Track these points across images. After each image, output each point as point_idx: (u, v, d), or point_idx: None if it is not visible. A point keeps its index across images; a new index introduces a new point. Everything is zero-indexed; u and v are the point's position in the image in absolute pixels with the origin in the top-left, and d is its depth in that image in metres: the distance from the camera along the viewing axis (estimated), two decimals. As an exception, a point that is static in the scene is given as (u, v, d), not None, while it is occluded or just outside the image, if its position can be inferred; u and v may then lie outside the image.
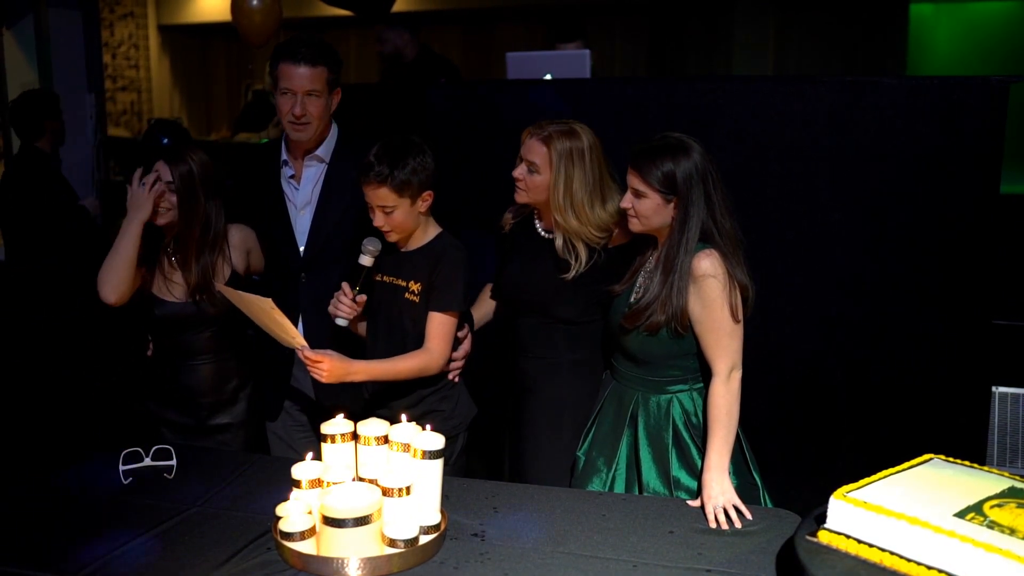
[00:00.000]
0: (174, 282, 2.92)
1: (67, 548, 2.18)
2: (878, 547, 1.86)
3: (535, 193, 2.75)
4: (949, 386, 3.28)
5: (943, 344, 3.29)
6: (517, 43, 9.50)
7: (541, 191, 2.73)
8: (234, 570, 2.07)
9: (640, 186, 2.48)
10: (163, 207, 2.86)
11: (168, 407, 2.99)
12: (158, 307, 2.91)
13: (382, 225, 2.69)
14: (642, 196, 2.49)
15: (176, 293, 2.91)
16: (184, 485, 2.56)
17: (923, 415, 3.32)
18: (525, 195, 2.77)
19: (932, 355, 3.30)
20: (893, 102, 3.24)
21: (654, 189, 2.46)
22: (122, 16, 9.70)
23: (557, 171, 2.69)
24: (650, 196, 2.48)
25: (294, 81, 2.84)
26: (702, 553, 2.16)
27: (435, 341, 2.72)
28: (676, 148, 2.48)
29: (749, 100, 3.40)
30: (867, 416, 3.39)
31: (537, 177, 2.72)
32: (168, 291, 2.92)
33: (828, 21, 8.57)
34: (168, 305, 2.91)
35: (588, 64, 4.42)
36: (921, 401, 3.32)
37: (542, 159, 2.70)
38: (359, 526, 2.02)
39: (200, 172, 2.87)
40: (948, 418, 3.28)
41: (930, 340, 3.30)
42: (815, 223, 3.35)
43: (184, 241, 2.90)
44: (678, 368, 2.57)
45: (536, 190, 2.74)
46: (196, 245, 2.89)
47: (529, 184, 2.74)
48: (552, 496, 2.48)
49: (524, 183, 2.75)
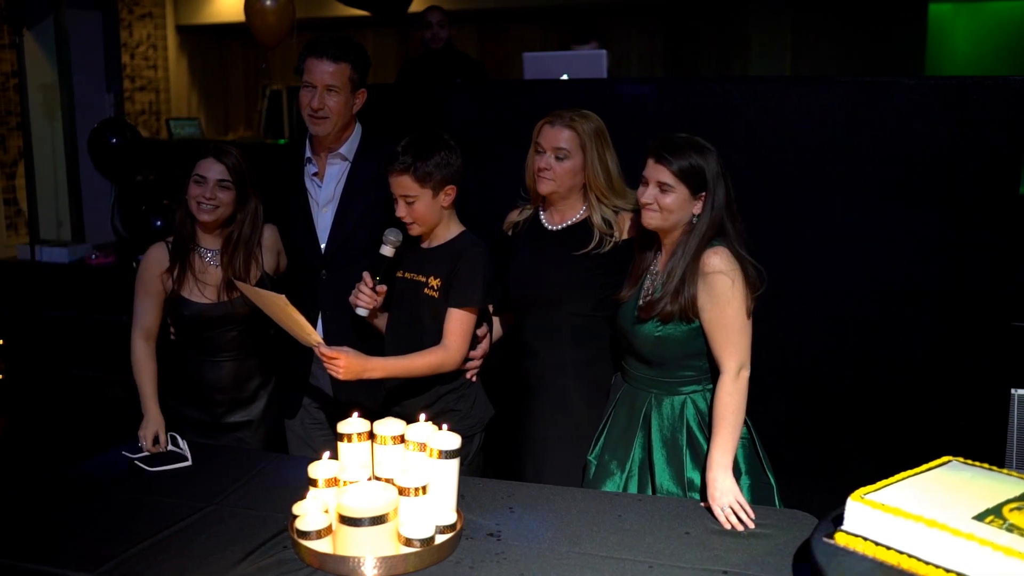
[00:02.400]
0: (205, 283, 2.92)
1: (86, 545, 2.19)
2: (896, 550, 1.85)
3: (563, 180, 2.76)
4: (967, 388, 3.26)
5: (961, 346, 3.27)
6: (532, 43, 9.50)
7: (569, 177, 2.76)
8: (251, 568, 2.08)
9: (668, 179, 2.48)
10: (210, 204, 2.86)
11: (187, 403, 3.00)
12: (186, 307, 2.91)
13: (404, 216, 2.71)
14: (669, 190, 2.49)
15: (207, 294, 2.91)
16: (202, 483, 2.57)
17: (941, 417, 3.30)
18: (552, 184, 2.77)
19: (950, 357, 3.28)
20: (911, 102, 3.22)
21: (683, 183, 2.47)
22: (141, 17, 9.74)
23: (591, 151, 2.74)
24: (678, 190, 2.48)
25: (315, 75, 2.87)
26: (718, 554, 2.16)
27: (453, 337, 2.72)
28: (700, 145, 2.50)
29: (765, 100, 3.38)
30: (884, 418, 3.37)
31: (566, 163, 2.74)
32: (199, 291, 2.91)
33: (845, 21, 8.52)
34: (198, 305, 2.91)
35: (604, 64, 4.42)
36: (939, 403, 3.30)
37: (570, 143, 2.73)
38: (375, 525, 2.03)
39: (247, 167, 2.90)
40: (966, 420, 3.26)
41: (948, 342, 3.28)
42: (831, 223, 3.34)
43: (233, 235, 2.91)
44: (691, 369, 2.56)
45: (564, 176, 2.75)
46: (243, 241, 2.91)
47: (557, 172, 2.75)
48: (568, 496, 2.48)
49: (551, 171, 2.75)
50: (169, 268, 2.92)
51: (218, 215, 2.88)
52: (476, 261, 2.74)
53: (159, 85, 9.99)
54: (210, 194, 2.85)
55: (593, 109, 2.83)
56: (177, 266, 2.92)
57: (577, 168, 2.76)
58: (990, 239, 3.19)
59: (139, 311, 2.94)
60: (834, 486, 2.25)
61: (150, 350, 2.93)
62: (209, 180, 2.85)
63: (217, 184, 2.86)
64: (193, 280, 2.92)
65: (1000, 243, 3.19)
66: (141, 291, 2.94)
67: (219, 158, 2.87)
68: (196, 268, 2.93)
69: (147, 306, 2.94)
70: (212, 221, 2.88)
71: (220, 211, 2.88)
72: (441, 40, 5.89)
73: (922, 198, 3.24)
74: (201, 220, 2.88)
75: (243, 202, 2.90)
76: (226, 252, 2.92)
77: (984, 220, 3.19)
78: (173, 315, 2.95)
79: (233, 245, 2.91)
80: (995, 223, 3.18)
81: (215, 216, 2.87)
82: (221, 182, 2.86)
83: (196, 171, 2.87)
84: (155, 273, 2.93)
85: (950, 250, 3.23)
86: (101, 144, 5.75)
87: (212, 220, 2.88)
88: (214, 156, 2.87)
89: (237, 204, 2.90)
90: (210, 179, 2.85)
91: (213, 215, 2.87)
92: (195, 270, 2.93)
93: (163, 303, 2.94)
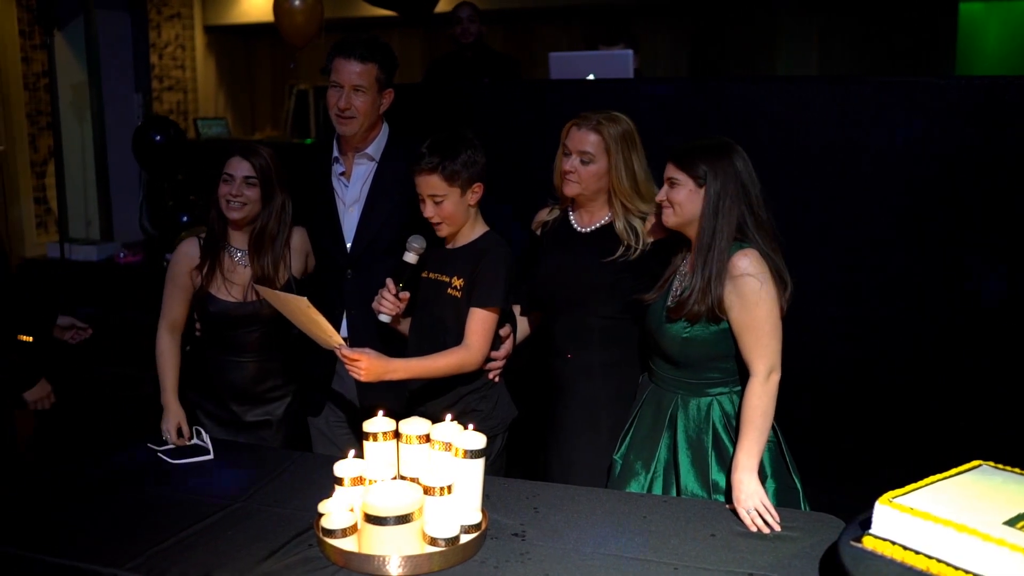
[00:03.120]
0: (233, 282, 2.94)
1: (113, 540, 2.21)
2: (925, 554, 1.83)
3: (588, 183, 2.75)
4: (998, 391, 3.23)
5: (989, 349, 3.23)
6: (558, 43, 9.48)
7: (594, 180, 2.75)
8: (276, 565, 2.09)
9: (675, 173, 2.50)
10: (238, 201, 2.89)
11: (208, 400, 3.03)
12: (212, 304, 2.94)
13: (432, 216, 2.71)
14: (676, 184, 2.50)
15: (234, 293, 2.94)
16: (227, 480, 2.59)
17: (971, 420, 3.26)
18: (577, 186, 2.76)
19: (979, 359, 3.25)
20: (942, 102, 3.19)
21: (687, 174, 2.47)
22: (169, 17, 9.81)
23: (616, 156, 2.72)
24: (683, 182, 2.48)
25: (342, 74, 2.89)
26: (744, 557, 2.15)
27: (474, 337, 2.72)
28: (714, 143, 2.51)
29: (793, 100, 3.37)
30: (912, 420, 3.34)
31: (592, 167, 2.73)
32: (227, 290, 2.94)
33: (873, 21, 8.44)
34: (224, 303, 2.93)
35: (631, 64, 4.40)
36: (969, 406, 3.27)
37: (596, 147, 2.72)
38: (400, 524, 2.03)
39: (275, 166, 2.92)
40: (997, 424, 3.23)
41: (975, 344, 3.24)
42: (859, 224, 3.32)
43: (261, 234, 2.93)
44: (717, 370, 2.55)
45: (589, 180, 2.75)
46: (271, 240, 2.93)
47: (582, 175, 2.74)
48: (593, 497, 2.47)
49: (576, 175, 2.75)
50: (199, 264, 2.95)
51: (246, 212, 2.90)
52: (499, 261, 2.74)
53: (187, 85, 10.07)
54: (237, 191, 2.88)
55: (619, 109, 2.82)
56: (207, 263, 2.95)
57: (602, 172, 2.75)
58: (1021, 240, 3.15)
59: (167, 304, 2.99)
60: (862, 489, 2.23)
61: (174, 343, 2.98)
62: (236, 178, 2.89)
63: (244, 181, 2.89)
64: (221, 278, 2.95)
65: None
66: (170, 285, 2.99)
67: (246, 156, 2.90)
68: (225, 267, 2.96)
69: (175, 300, 2.98)
70: (241, 218, 2.91)
71: (248, 208, 2.90)
72: (472, 35, 5.88)
73: (952, 198, 3.21)
74: (230, 217, 2.91)
75: (268, 199, 2.92)
76: (254, 249, 2.94)
77: (1014, 220, 3.15)
78: (200, 311, 2.98)
79: (259, 241, 2.94)
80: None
81: (243, 213, 2.90)
82: (248, 179, 2.89)
83: (225, 170, 2.91)
84: (185, 268, 2.96)
85: (981, 251, 3.20)
86: (145, 141, 5.79)
87: (240, 217, 2.91)
88: (241, 154, 2.91)
89: (262, 201, 2.92)
90: (237, 177, 2.89)
91: (241, 212, 2.90)
92: (224, 268, 2.96)
93: (191, 298, 2.98)
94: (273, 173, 2.92)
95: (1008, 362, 3.22)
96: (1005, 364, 3.22)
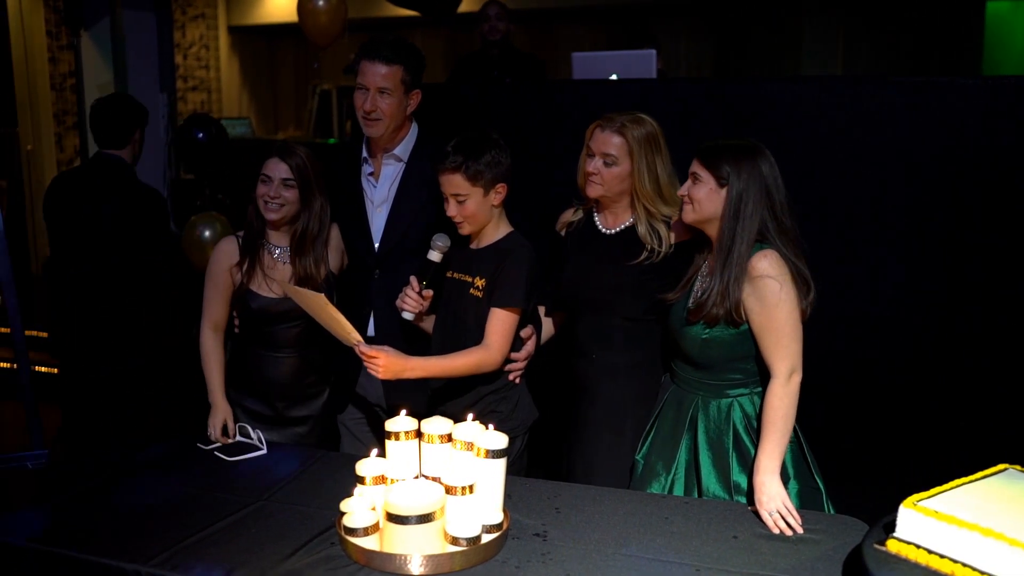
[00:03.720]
0: (273, 278, 2.95)
1: (136, 537, 2.23)
2: (950, 558, 1.82)
3: (611, 185, 2.75)
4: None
5: (1019, 352, 3.20)
6: (581, 43, 9.48)
7: (617, 182, 2.74)
8: (298, 563, 2.10)
9: (698, 169, 2.49)
10: (275, 202, 2.90)
11: (248, 396, 3.04)
12: (253, 300, 2.95)
13: (455, 215, 2.72)
14: (698, 180, 2.49)
15: (275, 289, 2.95)
16: (251, 478, 2.60)
17: (998, 424, 3.23)
18: (600, 188, 2.76)
19: (1007, 362, 3.21)
20: (968, 102, 3.16)
21: (710, 173, 2.47)
22: (193, 17, 9.89)
23: (639, 158, 2.71)
24: (705, 180, 2.48)
25: (368, 77, 2.89)
26: (766, 559, 2.14)
27: (494, 337, 2.72)
28: (741, 144, 2.50)
29: (819, 100, 3.34)
30: (937, 423, 3.31)
31: (615, 169, 2.73)
32: (267, 287, 2.95)
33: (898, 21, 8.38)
34: (265, 299, 2.95)
35: (654, 64, 4.39)
36: (995, 409, 3.24)
37: (619, 149, 2.72)
38: (422, 523, 2.03)
39: (312, 166, 2.94)
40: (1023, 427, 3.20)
41: (1004, 347, 3.21)
42: (887, 226, 3.29)
43: (303, 234, 2.95)
44: (738, 372, 2.54)
45: (612, 182, 2.74)
46: (313, 239, 2.95)
47: (605, 177, 2.74)
48: (615, 498, 2.47)
49: (599, 176, 2.74)
50: (239, 262, 2.97)
51: (284, 213, 2.92)
52: (521, 261, 2.74)
53: (211, 85, 10.14)
54: (275, 193, 2.90)
55: (642, 110, 2.81)
56: (247, 261, 2.97)
57: (625, 174, 2.74)
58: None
59: (208, 303, 3.02)
60: (885, 492, 2.21)
61: (218, 341, 3.01)
62: (274, 179, 2.90)
63: (282, 183, 2.90)
64: (261, 275, 2.97)
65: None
66: (210, 284, 3.01)
67: (283, 158, 2.92)
68: (265, 263, 2.98)
69: (215, 298, 3.00)
70: (278, 219, 2.93)
71: (286, 209, 2.92)
72: (499, 32, 5.87)
73: (981, 199, 3.18)
74: (268, 219, 2.93)
75: (308, 201, 2.94)
76: (295, 251, 2.96)
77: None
78: (240, 308, 3.00)
79: (301, 243, 2.95)
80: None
81: (281, 214, 2.92)
82: (285, 181, 2.90)
83: (263, 170, 2.93)
84: (224, 267, 2.98)
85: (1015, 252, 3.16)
86: (188, 139, 5.80)
87: (278, 218, 2.93)
88: (279, 156, 2.92)
89: (302, 203, 2.93)
90: (275, 178, 2.90)
91: (279, 213, 2.92)
92: (264, 265, 2.97)
93: (231, 296, 3.00)
94: (311, 174, 2.93)
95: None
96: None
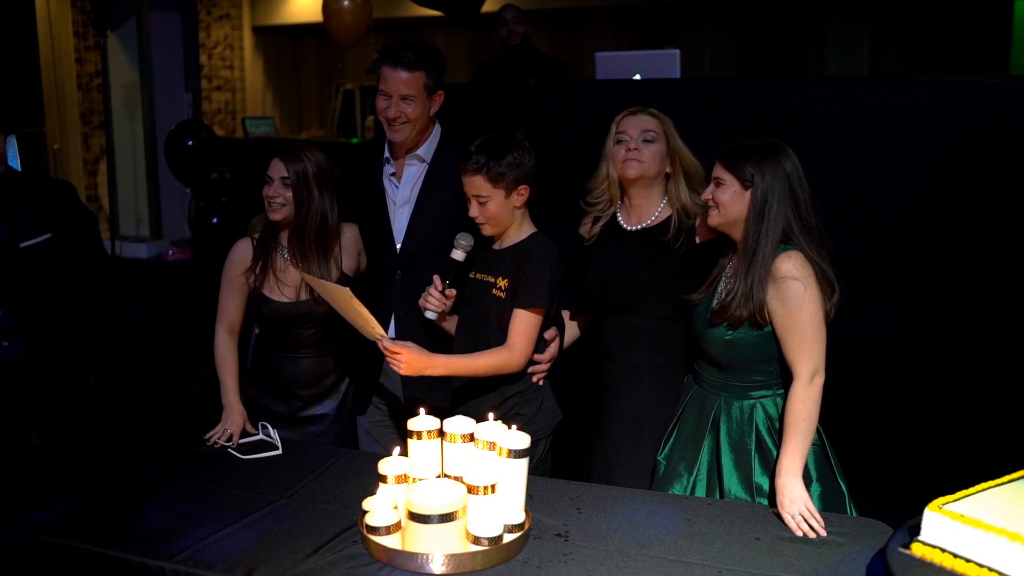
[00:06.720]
0: (285, 282, 2.97)
1: (158, 534, 2.24)
2: (976, 562, 1.80)
3: (651, 163, 2.77)
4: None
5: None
6: (605, 43, 9.46)
7: (658, 160, 2.77)
8: (320, 562, 2.11)
9: (721, 173, 2.49)
10: (277, 202, 2.93)
11: (266, 395, 3.07)
12: (266, 305, 2.97)
13: (477, 216, 2.72)
14: (722, 184, 2.48)
15: (287, 293, 2.97)
16: (273, 476, 2.61)
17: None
18: (640, 166, 2.76)
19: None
20: (996, 102, 3.13)
21: (733, 175, 2.46)
22: (218, 18, 9.96)
23: (675, 139, 2.78)
24: (728, 183, 2.47)
25: (390, 84, 2.87)
26: (789, 561, 2.12)
27: (517, 338, 2.71)
28: (763, 144, 2.48)
29: (844, 100, 3.32)
30: (964, 425, 3.28)
31: (654, 145, 2.76)
32: (279, 291, 2.97)
33: (925, 21, 8.31)
34: (277, 304, 2.97)
35: (678, 64, 4.38)
36: (1022, 412, 3.20)
37: (657, 128, 2.77)
38: (444, 523, 2.03)
39: (315, 169, 2.94)
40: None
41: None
42: (912, 226, 3.27)
43: (300, 235, 2.96)
44: (761, 373, 2.53)
45: (652, 159, 2.76)
46: (313, 240, 2.96)
47: (645, 154, 2.75)
48: (637, 499, 2.46)
49: (639, 152, 2.75)
50: (252, 266, 2.99)
51: (285, 212, 2.94)
52: (544, 262, 2.73)
53: (235, 85, 10.21)
54: (274, 192, 2.93)
55: (666, 109, 2.82)
56: (259, 264, 2.99)
57: (663, 153, 2.77)
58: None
59: (223, 305, 3.04)
60: (910, 494, 2.19)
61: (232, 343, 3.03)
62: (275, 179, 2.94)
63: (280, 182, 2.93)
64: (274, 279, 2.99)
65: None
66: (226, 286, 3.04)
67: (282, 158, 2.94)
68: (277, 267, 3.00)
69: (231, 300, 3.03)
70: (281, 219, 2.95)
71: (287, 209, 2.94)
72: (517, 36, 5.88)
73: (1008, 200, 3.15)
74: (271, 218, 2.96)
75: (301, 200, 2.94)
76: (295, 252, 2.97)
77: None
78: (255, 311, 3.03)
79: (300, 244, 2.96)
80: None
81: (283, 214, 2.94)
82: (284, 179, 2.93)
83: (267, 172, 2.96)
84: (239, 270, 3.01)
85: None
86: (176, 146, 5.85)
87: (280, 218, 2.95)
88: (279, 156, 2.95)
89: (295, 202, 2.94)
90: (275, 178, 2.94)
91: (280, 213, 2.94)
92: (276, 269, 3.00)
93: (246, 298, 3.02)
94: (311, 174, 2.94)
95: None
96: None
